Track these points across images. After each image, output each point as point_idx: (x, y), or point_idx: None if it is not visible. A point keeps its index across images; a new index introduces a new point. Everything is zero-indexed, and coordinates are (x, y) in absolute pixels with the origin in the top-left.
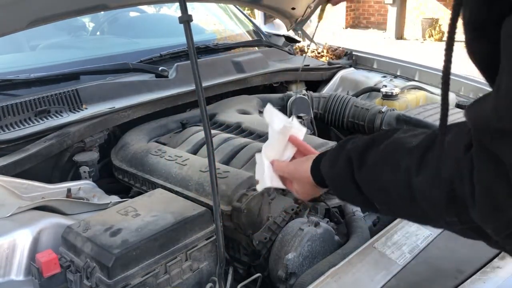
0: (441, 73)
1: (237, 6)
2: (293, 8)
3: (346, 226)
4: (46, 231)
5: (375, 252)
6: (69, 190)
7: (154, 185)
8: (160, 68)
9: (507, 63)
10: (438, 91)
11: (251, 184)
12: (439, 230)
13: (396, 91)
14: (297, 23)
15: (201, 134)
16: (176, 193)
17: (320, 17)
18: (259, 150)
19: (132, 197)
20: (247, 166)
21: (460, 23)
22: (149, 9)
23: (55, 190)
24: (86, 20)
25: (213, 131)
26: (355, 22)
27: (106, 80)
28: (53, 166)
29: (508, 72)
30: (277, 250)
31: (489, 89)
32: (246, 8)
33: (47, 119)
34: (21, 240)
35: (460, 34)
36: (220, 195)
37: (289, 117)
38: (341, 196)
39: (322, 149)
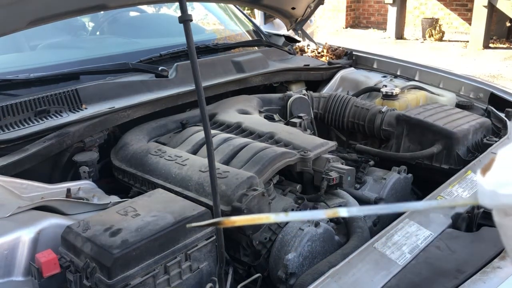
0: (441, 73)
1: (237, 6)
2: (293, 8)
3: (346, 226)
4: (46, 231)
5: (375, 252)
6: (69, 190)
7: (154, 185)
8: (160, 68)
9: None
10: (438, 90)
11: (251, 184)
12: (439, 230)
13: (396, 91)
14: (297, 23)
15: (201, 134)
16: (176, 193)
17: None
18: (259, 150)
19: (132, 197)
20: (247, 166)
21: (460, 22)
22: (149, 9)
23: (55, 190)
24: (86, 20)
25: (213, 131)
26: (355, 22)
27: (106, 80)
28: (53, 166)
29: None
30: (277, 250)
31: (489, 89)
32: (246, 8)
33: (47, 119)
34: (21, 240)
35: (458, 34)
36: (220, 195)
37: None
38: None
39: (323, 149)
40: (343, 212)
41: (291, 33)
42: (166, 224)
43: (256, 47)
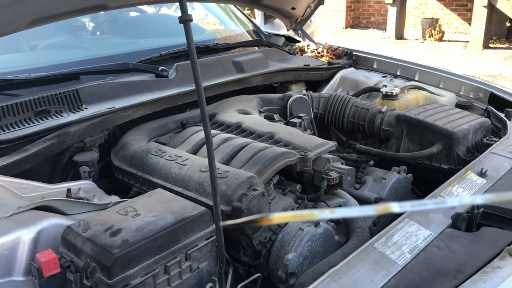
0: (441, 73)
1: (237, 6)
2: (293, 8)
3: (346, 226)
4: (46, 231)
5: (375, 252)
6: (69, 190)
7: (154, 185)
8: (160, 68)
9: None
10: (438, 90)
11: (251, 184)
12: (439, 230)
13: (396, 91)
14: (297, 23)
15: (201, 134)
16: (176, 193)
17: None
18: (259, 150)
19: (132, 197)
20: (247, 166)
21: (460, 22)
22: (149, 9)
23: (55, 190)
24: (86, 20)
25: (213, 131)
26: (355, 22)
27: (106, 80)
28: (53, 166)
29: None
30: (277, 250)
31: (489, 89)
32: (246, 8)
33: (47, 119)
34: (21, 240)
35: (458, 34)
36: (220, 195)
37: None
38: None
39: (323, 149)
40: (395, 208)
41: (291, 33)
42: (166, 224)
43: (256, 47)
